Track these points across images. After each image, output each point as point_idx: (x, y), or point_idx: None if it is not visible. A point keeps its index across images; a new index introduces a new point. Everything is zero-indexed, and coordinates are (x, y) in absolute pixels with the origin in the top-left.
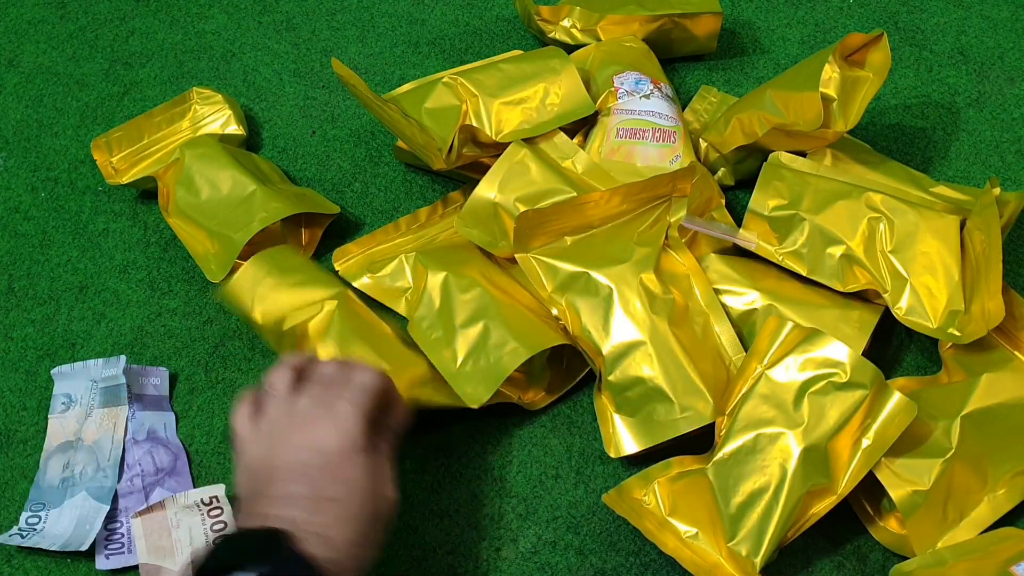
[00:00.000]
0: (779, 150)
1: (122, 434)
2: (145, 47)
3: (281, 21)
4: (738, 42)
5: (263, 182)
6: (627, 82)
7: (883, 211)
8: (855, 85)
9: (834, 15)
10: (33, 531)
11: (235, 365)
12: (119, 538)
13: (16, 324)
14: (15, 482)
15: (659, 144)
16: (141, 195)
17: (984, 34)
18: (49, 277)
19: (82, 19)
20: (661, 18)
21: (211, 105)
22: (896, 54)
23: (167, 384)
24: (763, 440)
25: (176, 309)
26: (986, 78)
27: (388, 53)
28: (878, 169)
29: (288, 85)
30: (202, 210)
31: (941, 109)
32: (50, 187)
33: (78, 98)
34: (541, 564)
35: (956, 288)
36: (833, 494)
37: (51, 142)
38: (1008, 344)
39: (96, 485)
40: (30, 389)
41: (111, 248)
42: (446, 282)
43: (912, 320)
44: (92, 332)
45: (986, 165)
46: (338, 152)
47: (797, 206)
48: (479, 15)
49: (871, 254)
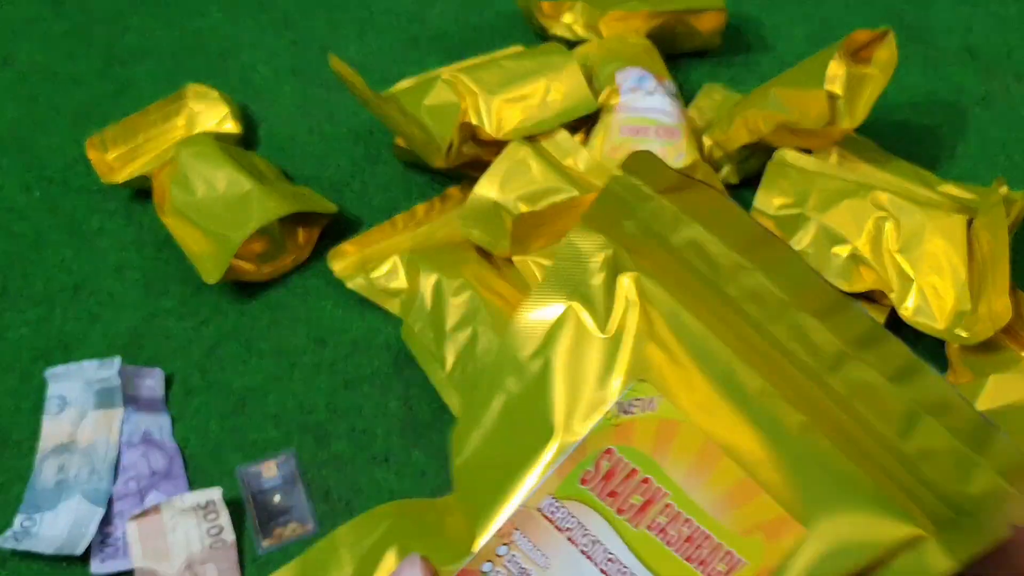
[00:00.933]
0: (784, 148)
1: (117, 436)
2: (141, 44)
3: (279, 18)
4: (742, 39)
5: (260, 181)
6: (630, 79)
7: (889, 210)
8: (861, 82)
9: (839, 12)
10: (27, 534)
11: (231, 367)
12: (114, 542)
13: (10, 325)
14: (9, 485)
15: (662, 142)
16: (136, 194)
17: (992, 31)
18: (43, 277)
19: (77, 17)
20: (664, 14)
21: (207, 102)
22: (902, 51)
23: (162, 386)
24: None
25: (171, 310)
26: (993, 76)
27: (387, 50)
28: (884, 167)
29: (285, 83)
30: (198, 209)
31: (948, 107)
32: (44, 186)
33: (73, 96)
34: None
35: (963, 288)
36: None
37: (45, 141)
38: (1015, 345)
39: (91, 488)
40: (24, 391)
41: (106, 248)
42: (438, 284)
43: (918, 320)
44: (87, 333)
45: (993, 163)
46: (336, 150)
47: (803, 205)
48: (479, 11)
49: (877, 254)
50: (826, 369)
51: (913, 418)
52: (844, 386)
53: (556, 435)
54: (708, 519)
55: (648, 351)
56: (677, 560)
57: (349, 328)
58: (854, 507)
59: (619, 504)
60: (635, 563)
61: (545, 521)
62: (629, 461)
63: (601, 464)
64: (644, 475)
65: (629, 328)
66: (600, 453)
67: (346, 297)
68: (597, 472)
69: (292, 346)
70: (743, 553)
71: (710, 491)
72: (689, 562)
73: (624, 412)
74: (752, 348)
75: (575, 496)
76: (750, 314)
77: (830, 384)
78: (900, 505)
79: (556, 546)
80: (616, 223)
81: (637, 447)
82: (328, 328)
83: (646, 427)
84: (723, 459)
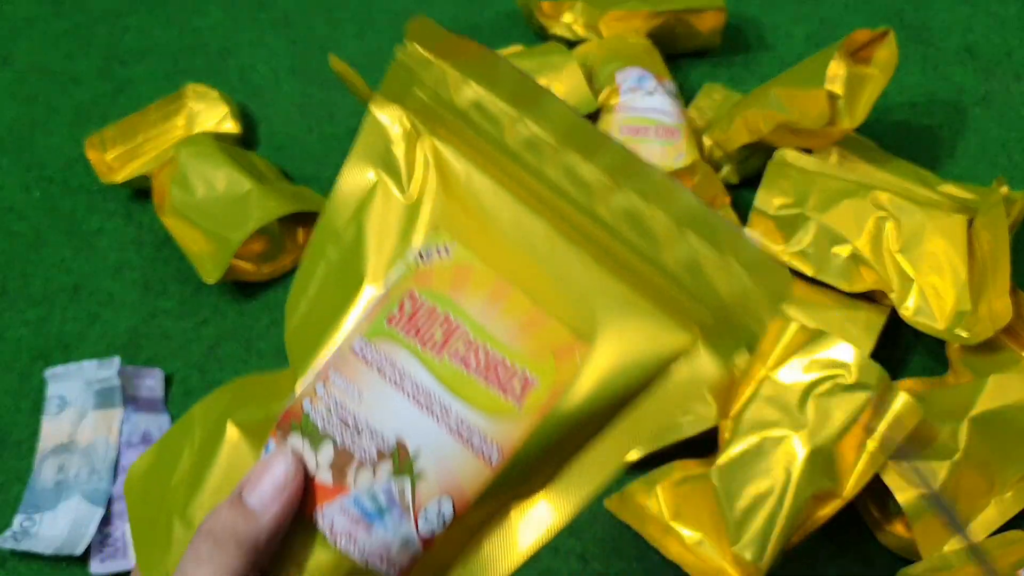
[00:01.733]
0: (784, 147)
1: (117, 436)
2: (140, 44)
3: (278, 17)
4: (742, 38)
5: (260, 181)
6: (630, 78)
7: (890, 210)
8: (861, 82)
9: (839, 11)
10: (27, 535)
11: (231, 367)
12: (114, 542)
13: (10, 325)
14: (9, 485)
15: (662, 141)
16: (135, 194)
17: (991, 31)
18: (43, 277)
19: (76, 16)
20: (664, 14)
21: (206, 102)
22: (902, 51)
23: (162, 386)
24: (768, 443)
25: (171, 310)
26: (993, 76)
27: (387, 49)
28: (885, 167)
29: (285, 82)
30: (197, 209)
31: (948, 107)
32: (44, 186)
33: (72, 96)
34: (543, 570)
35: (963, 288)
36: (838, 497)
37: (45, 140)
38: (1016, 345)
39: (91, 488)
40: (24, 391)
41: (105, 248)
42: None
43: (919, 321)
44: (86, 333)
45: (993, 163)
46: (336, 150)
47: (803, 205)
48: (479, 10)
49: (877, 254)
50: (595, 200)
51: (670, 233)
52: (610, 214)
53: (365, 285)
54: (503, 346)
55: (445, 207)
56: (477, 384)
57: None
58: (633, 323)
59: (422, 339)
60: (440, 390)
61: (357, 359)
62: (429, 301)
63: (404, 305)
64: (443, 312)
65: (428, 191)
66: (404, 296)
67: None
68: (401, 313)
69: None
70: (536, 373)
71: (504, 321)
72: (488, 384)
73: (424, 260)
74: (533, 194)
75: (383, 335)
76: (528, 162)
77: (599, 213)
78: (672, 316)
79: (368, 381)
80: (409, 92)
81: (436, 289)
82: None
83: (443, 271)
84: (514, 293)
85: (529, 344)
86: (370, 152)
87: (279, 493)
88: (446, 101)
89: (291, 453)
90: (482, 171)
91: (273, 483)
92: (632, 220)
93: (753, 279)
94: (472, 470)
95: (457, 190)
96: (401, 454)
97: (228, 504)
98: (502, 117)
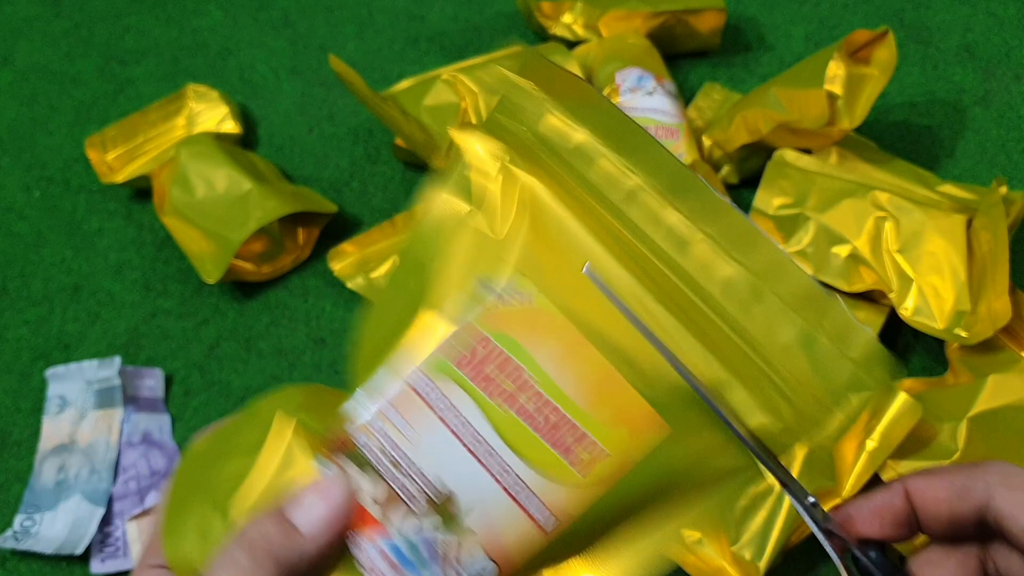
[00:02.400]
0: (784, 147)
1: (117, 436)
2: (140, 44)
3: (278, 17)
4: (742, 38)
5: (260, 181)
6: (629, 79)
7: (889, 210)
8: (861, 82)
9: (839, 11)
10: (27, 534)
11: (231, 367)
12: (114, 542)
13: (10, 325)
14: (9, 485)
15: (662, 142)
16: (136, 194)
17: (991, 31)
18: (43, 277)
19: (76, 16)
20: (664, 14)
21: (207, 102)
22: (902, 51)
23: (162, 386)
24: None
25: (171, 310)
26: (993, 76)
27: (387, 50)
28: (884, 167)
29: (285, 82)
30: (197, 209)
31: (947, 107)
32: (44, 186)
33: (72, 96)
34: None
35: (963, 288)
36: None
37: (45, 141)
38: (1015, 345)
39: (91, 488)
40: (24, 391)
41: (105, 248)
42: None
43: (918, 321)
44: (86, 333)
45: (993, 163)
46: (336, 150)
47: (802, 205)
48: (479, 11)
49: (877, 254)
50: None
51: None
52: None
53: (435, 314)
54: (575, 408)
55: (533, 251)
56: (543, 444)
57: (349, 328)
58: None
59: (490, 388)
60: (502, 445)
61: (418, 399)
62: (503, 348)
63: (476, 349)
64: (516, 363)
65: (519, 231)
66: (476, 338)
67: (346, 297)
68: (472, 357)
69: (292, 346)
70: (607, 444)
71: (579, 382)
72: (554, 447)
73: (502, 301)
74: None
75: (449, 375)
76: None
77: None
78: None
79: (427, 425)
80: (511, 128)
81: (510, 333)
82: (328, 328)
83: (520, 316)
84: (592, 352)
85: (602, 410)
86: (463, 183)
87: (332, 522)
88: (548, 140)
89: (349, 481)
90: (578, 220)
91: (329, 510)
92: (737, 296)
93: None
94: (525, 536)
95: (548, 236)
96: (450, 508)
97: (275, 518)
98: (606, 166)
